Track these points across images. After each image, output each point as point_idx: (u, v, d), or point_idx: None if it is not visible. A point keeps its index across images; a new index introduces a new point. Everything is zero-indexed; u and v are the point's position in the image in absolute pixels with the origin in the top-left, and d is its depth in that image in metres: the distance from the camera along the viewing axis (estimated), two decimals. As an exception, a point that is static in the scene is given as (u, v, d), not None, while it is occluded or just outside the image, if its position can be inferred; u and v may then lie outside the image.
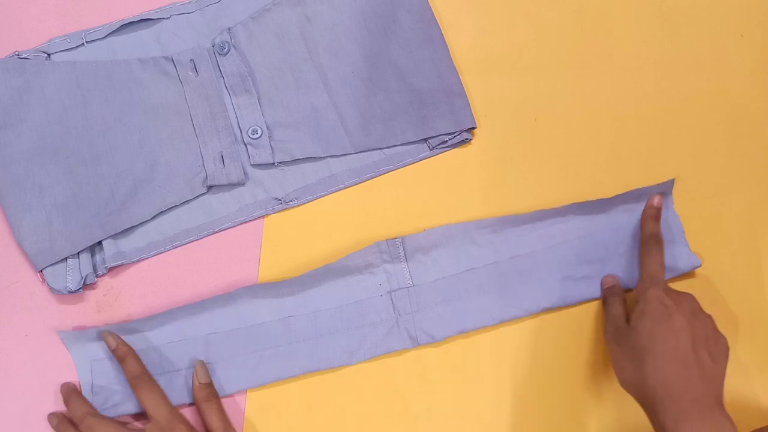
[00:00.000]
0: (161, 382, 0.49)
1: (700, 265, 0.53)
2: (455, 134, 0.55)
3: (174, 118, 0.53)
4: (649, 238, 0.51)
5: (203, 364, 0.49)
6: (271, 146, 0.53)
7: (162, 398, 0.47)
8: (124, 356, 0.48)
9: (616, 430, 0.52)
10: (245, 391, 0.50)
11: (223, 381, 0.50)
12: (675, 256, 0.53)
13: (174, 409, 0.47)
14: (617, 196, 0.53)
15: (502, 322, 0.52)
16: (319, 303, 0.51)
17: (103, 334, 0.49)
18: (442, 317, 0.51)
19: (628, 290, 0.53)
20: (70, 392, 0.48)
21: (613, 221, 0.54)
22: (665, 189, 0.54)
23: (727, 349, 0.47)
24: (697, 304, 0.48)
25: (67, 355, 0.49)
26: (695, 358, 0.44)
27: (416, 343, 0.51)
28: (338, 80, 0.55)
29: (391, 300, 0.51)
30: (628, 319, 0.49)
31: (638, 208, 0.54)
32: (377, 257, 0.52)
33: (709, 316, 0.48)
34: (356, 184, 0.54)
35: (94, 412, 0.47)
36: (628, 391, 0.47)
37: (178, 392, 0.49)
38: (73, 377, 0.49)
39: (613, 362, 0.48)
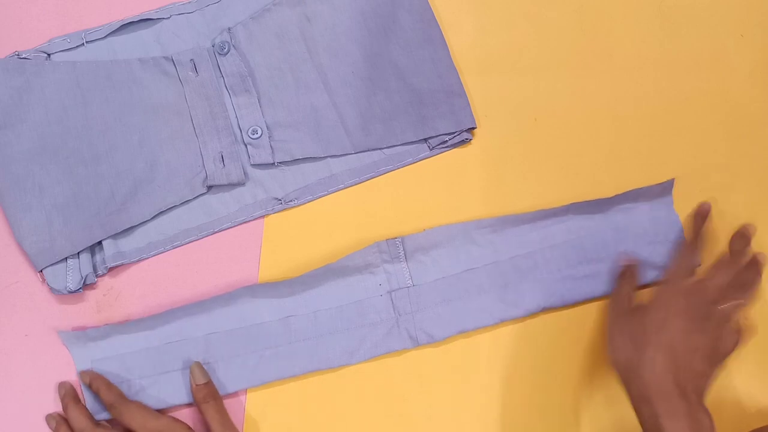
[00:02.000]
0: (161, 382, 0.49)
1: (699, 265, 0.53)
2: (455, 134, 0.55)
3: (174, 118, 0.53)
4: (697, 235, 0.50)
5: (199, 365, 0.49)
6: (271, 146, 0.53)
7: (146, 414, 0.46)
8: (98, 388, 0.47)
9: (617, 430, 0.52)
10: (245, 390, 0.50)
11: (223, 380, 0.49)
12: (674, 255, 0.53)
13: (163, 418, 0.46)
14: (617, 196, 0.53)
15: (502, 321, 0.52)
16: (319, 303, 0.51)
17: (80, 374, 0.48)
18: (442, 317, 0.51)
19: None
20: (69, 401, 0.47)
21: (612, 221, 0.54)
22: (665, 189, 0.54)
23: (723, 356, 0.47)
24: (727, 319, 0.47)
25: (67, 355, 0.49)
26: (690, 361, 0.44)
27: (416, 343, 0.51)
28: (338, 80, 0.55)
29: (391, 300, 0.51)
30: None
31: (638, 208, 0.54)
32: (377, 257, 0.52)
33: (737, 333, 0.47)
34: (356, 184, 0.54)
35: (93, 426, 0.46)
36: (616, 369, 0.46)
37: (177, 392, 0.49)
38: (72, 377, 0.49)
39: (609, 338, 0.47)
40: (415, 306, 0.51)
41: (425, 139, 0.55)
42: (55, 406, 0.49)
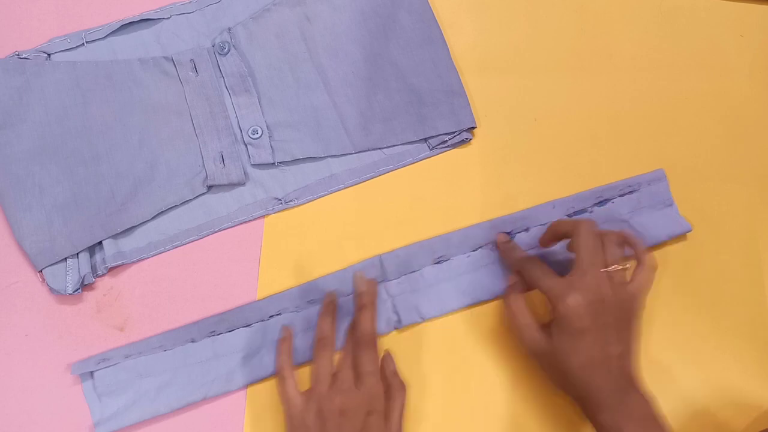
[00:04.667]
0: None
1: (691, 230, 0.54)
2: (455, 134, 0.55)
3: (174, 118, 0.53)
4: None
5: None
6: (271, 146, 0.53)
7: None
8: (362, 306, 0.48)
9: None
10: (245, 388, 0.50)
11: (234, 376, 0.50)
12: (666, 219, 0.54)
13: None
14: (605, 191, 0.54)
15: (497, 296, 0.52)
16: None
17: (357, 277, 0.50)
18: (436, 294, 0.52)
19: None
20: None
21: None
22: (657, 176, 0.55)
23: (633, 317, 0.46)
24: (608, 284, 0.45)
25: (67, 355, 0.49)
26: (604, 357, 0.45)
27: (402, 324, 0.51)
28: (338, 80, 0.55)
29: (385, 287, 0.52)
30: (537, 320, 0.48)
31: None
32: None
33: (620, 288, 0.45)
34: (356, 184, 0.54)
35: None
36: (558, 387, 0.47)
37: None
38: (71, 378, 0.49)
39: (539, 366, 0.48)
40: (407, 286, 0.52)
41: (425, 139, 0.55)
42: (54, 406, 0.49)
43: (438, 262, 0.52)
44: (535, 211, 0.53)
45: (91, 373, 0.49)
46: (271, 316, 0.51)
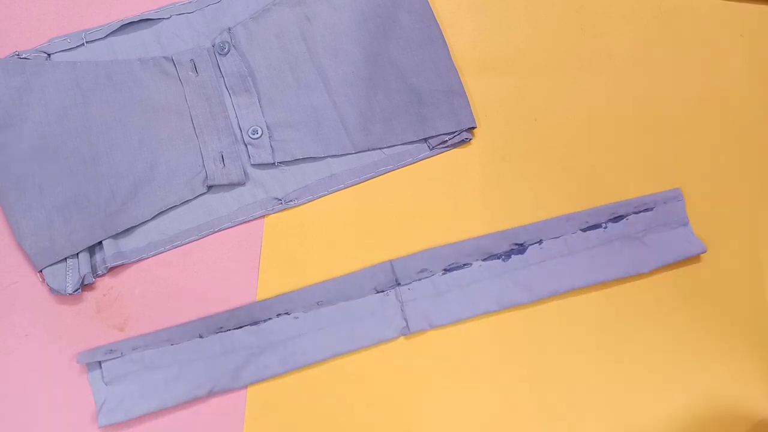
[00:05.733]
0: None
1: (705, 251, 0.54)
2: (455, 134, 0.55)
3: (174, 118, 0.53)
4: None
5: None
6: (271, 146, 0.54)
7: None
8: None
9: (616, 422, 0.52)
10: (245, 387, 0.50)
11: (242, 375, 0.50)
12: (681, 239, 0.53)
13: None
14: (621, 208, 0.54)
15: (507, 307, 0.52)
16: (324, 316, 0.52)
17: None
18: (445, 303, 0.51)
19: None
20: None
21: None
22: (674, 195, 0.54)
23: None
24: None
25: (67, 355, 0.49)
26: None
27: (410, 331, 0.51)
28: (338, 80, 0.55)
29: (396, 292, 0.52)
30: None
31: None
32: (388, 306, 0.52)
33: None
34: (356, 184, 0.54)
35: None
36: None
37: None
38: (71, 378, 0.49)
39: None
40: (417, 293, 0.51)
41: (425, 139, 0.55)
42: (54, 407, 0.49)
43: (449, 270, 0.52)
44: (548, 224, 0.53)
45: (99, 363, 0.49)
46: (279, 315, 0.51)
